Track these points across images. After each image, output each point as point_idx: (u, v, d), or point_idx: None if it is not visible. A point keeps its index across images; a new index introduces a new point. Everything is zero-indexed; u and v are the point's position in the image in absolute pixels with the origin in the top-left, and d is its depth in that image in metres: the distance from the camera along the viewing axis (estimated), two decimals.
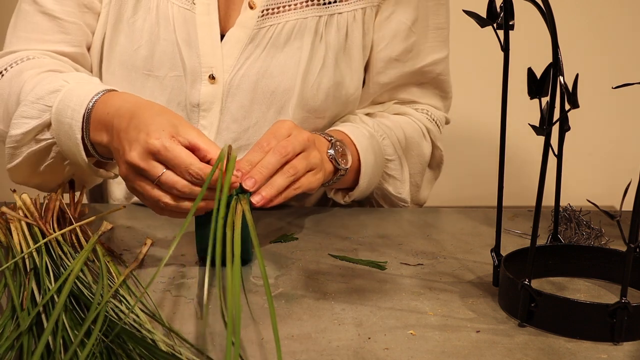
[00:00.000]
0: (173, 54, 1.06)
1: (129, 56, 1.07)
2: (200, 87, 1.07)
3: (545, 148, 0.73)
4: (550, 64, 0.72)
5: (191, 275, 0.86)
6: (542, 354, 0.69)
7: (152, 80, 1.07)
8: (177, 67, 1.06)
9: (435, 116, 1.20)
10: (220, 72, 1.06)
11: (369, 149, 1.07)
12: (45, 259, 0.79)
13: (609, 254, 0.86)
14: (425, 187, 1.21)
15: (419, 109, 1.19)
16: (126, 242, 0.95)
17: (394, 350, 0.69)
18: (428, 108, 1.20)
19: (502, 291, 0.80)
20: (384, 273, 0.88)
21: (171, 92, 1.07)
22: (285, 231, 1.01)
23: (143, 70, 1.07)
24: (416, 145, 1.16)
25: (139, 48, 1.06)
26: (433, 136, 1.19)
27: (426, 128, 1.18)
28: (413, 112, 1.19)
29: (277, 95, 1.07)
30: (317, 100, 1.08)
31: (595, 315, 0.72)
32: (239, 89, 1.07)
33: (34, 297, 0.74)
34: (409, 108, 1.19)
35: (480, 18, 0.77)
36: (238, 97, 1.07)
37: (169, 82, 1.07)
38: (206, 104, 1.07)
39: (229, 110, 1.08)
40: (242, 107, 1.08)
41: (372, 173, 1.08)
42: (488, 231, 1.04)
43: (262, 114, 1.08)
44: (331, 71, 1.08)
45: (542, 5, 0.71)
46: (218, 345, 0.69)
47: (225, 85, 1.07)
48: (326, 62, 1.08)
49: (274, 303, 0.78)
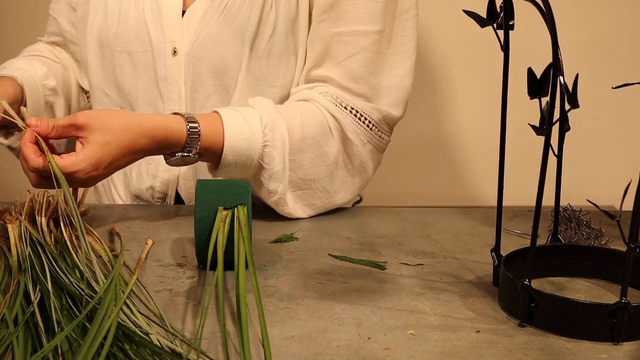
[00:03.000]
0: (140, 31, 1.13)
1: (104, 35, 1.16)
2: (166, 61, 1.13)
3: (545, 148, 0.73)
4: (550, 64, 0.72)
5: (191, 276, 0.86)
6: (542, 354, 0.69)
7: (124, 57, 1.15)
8: (145, 43, 1.14)
9: (350, 104, 1.07)
10: (181, 45, 1.12)
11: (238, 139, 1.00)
12: (46, 263, 0.80)
13: (609, 254, 0.86)
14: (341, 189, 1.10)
15: (324, 93, 1.08)
16: (126, 243, 0.95)
17: (394, 350, 0.69)
18: (339, 93, 1.07)
19: (502, 291, 0.80)
20: (384, 273, 0.88)
21: (141, 67, 1.15)
22: (285, 231, 1.01)
23: (116, 47, 1.15)
24: (315, 146, 1.05)
25: (111, 27, 1.15)
26: (345, 128, 1.07)
27: (333, 120, 1.06)
28: (319, 98, 1.07)
29: (229, 63, 1.10)
30: (268, 67, 1.11)
31: (595, 315, 0.72)
32: (195, 59, 1.11)
33: (29, 296, 0.74)
34: (315, 93, 1.08)
35: (480, 18, 0.77)
36: (196, 67, 1.12)
37: (139, 57, 1.14)
38: (172, 76, 1.13)
39: (190, 80, 1.12)
40: (199, 76, 1.12)
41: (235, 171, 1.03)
42: (488, 231, 1.04)
43: (216, 82, 1.11)
44: (282, 39, 1.10)
45: (542, 5, 0.71)
46: (218, 345, 0.69)
47: (185, 57, 1.12)
48: (276, 29, 1.10)
49: (274, 303, 0.79)
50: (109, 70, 1.17)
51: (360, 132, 1.08)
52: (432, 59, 1.63)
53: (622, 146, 1.75)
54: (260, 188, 1.05)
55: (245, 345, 0.66)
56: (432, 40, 1.62)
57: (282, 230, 1.02)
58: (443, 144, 1.64)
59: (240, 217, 0.83)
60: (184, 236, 0.99)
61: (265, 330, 0.68)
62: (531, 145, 1.05)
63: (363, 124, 1.08)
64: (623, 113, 1.73)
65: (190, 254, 0.92)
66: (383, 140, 1.11)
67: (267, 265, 0.89)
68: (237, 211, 0.84)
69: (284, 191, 1.05)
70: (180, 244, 0.96)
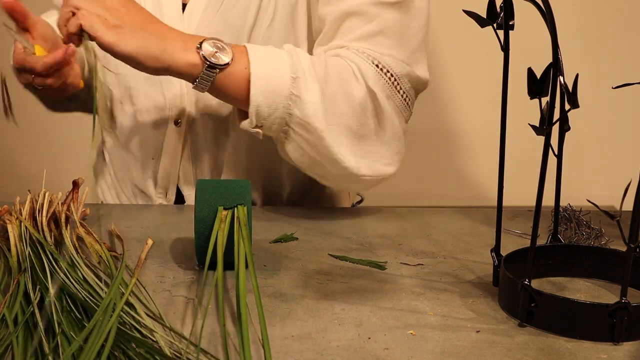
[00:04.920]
0: None
1: None
2: None
3: (545, 148, 0.73)
4: (550, 64, 0.72)
5: (191, 275, 0.86)
6: (542, 354, 0.69)
7: None
8: None
9: (379, 60, 1.02)
10: None
11: (265, 58, 0.98)
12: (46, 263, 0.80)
13: (609, 254, 0.86)
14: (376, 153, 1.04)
15: (352, 48, 1.03)
16: (126, 243, 0.95)
17: (394, 350, 0.69)
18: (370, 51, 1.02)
19: (502, 291, 0.80)
20: (384, 273, 0.88)
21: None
22: (285, 231, 1.01)
23: None
24: (339, 80, 1.00)
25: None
26: (368, 79, 1.00)
27: (357, 67, 1.01)
28: (345, 52, 1.03)
29: None
30: None
31: (595, 315, 0.72)
32: None
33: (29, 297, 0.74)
34: (342, 50, 1.04)
35: (480, 18, 0.77)
36: None
37: None
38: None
39: None
40: None
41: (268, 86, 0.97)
42: (488, 231, 1.04)
43: None
44: (280, 28, 1.10)
45: (542, 5, 0.71)
46: (218, 345, 0.69)
47: None
48: (275, 18, 1.10)
49: (274, 303, 0.79)
50: (110, 68, 1.17)
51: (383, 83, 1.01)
52: (432, 59, 1.63)
53: (622, 146, 1.75)
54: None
55: (245, 345, 0.66)
56: (432, 40, 1.62)
57: (282, 230, 1.02)
58: (443, 144, 1.64)
59: (240, 217, 0.83)
60: (184, 236, 0.99)
61: (265, 331, 0.68)
62: (531, 145, 1.05)
63: (385, 76, 1.01)
64: (623, 113, 1.73)
65: (190, 254, 0.92)
66: (405, 100, 1.04)
67: (267, 265, 0.89)
68: (237, 211, 0.84)
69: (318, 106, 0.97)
70: (180, 244, 0.96)
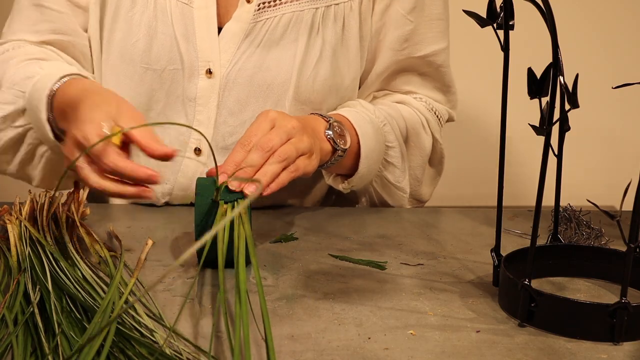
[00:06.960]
0: (171, 47, 1.06)
1: (127, 49, 1.07)
2: (198, 82, 1.07)
3: (545, 148, 0.73)
4: (550, 64, 0.72)
5: (191, 275, 0.86)
6: (542, 354, 0.69)
7: (151, 74, 1.07)
8: (175, 61, 1.07)
9: (435, 108, 1.19)
10: (218, 67, 1.07)
11: (369, 134, 1.06)
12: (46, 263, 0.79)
13: (609, 254, 0.86)
14: (427, 183, 1.19)
15: (417, 97, 1.18)
16: (126, 243, 0.95)
17: (394, 350, 0.69)
18: (428, 99, 1.19)
19: (502, 291, 0.80)
20: (384, 273, 0.88)
21: (170, 85, 1.08)
22: (285, 231, 1.01)
23: (141, 64, 1.07)
24: (416, 136, 1.15)
25: (137, 42, 1.06)
26: (432, 128, 1.17)
27: (425, 119, 1.16)
28: (412, 101, 1.17)
29: (274, 89, 1.07)
30: (313, 92, 1.08)
31: (595, 315, 0.72)
32: (235, 83, 1.07)
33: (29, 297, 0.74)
34: (408, 97, 1.18)
35: (480, 18, 0.77)
36: (235, 91, 1.07)
37: (167, 75, 1.07)
38: (203, 98, 1.07)
39: (225, 105, 1.08)
40: (239, 101, 1.08)
41: (371, 158, 1.07)
42: (488, 231, 1.04)
43: (259, 108, 1.07)
44: (328, 63, 1.08)
45: (542, 5, 0.71)
46: (218, 345, 0.69)
47: (222, 80, 1.07)
48: (323, 55, 1.08)
49: (274, 303, 0.79)
50: (125, 86, 1.08)
51: (439, 130, 1.19)
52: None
53: (622, 146, 1.75)
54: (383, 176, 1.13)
55: (246, 345, 0.66)
56: None
57: (282, 230, 1.02)
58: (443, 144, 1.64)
59: (240, 211, 0.82)
60: (184, 236, 0.99)
61: (269, 327, 0.67)
62: (531, 145, 1.05)
63: (439, 123, 1.19)
64: (623, 113, 1.73)
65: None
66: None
67: (267, 265, 0.89)
68: (238, 205, 0.83)
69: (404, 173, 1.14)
70: (181, 244, 0.96)
